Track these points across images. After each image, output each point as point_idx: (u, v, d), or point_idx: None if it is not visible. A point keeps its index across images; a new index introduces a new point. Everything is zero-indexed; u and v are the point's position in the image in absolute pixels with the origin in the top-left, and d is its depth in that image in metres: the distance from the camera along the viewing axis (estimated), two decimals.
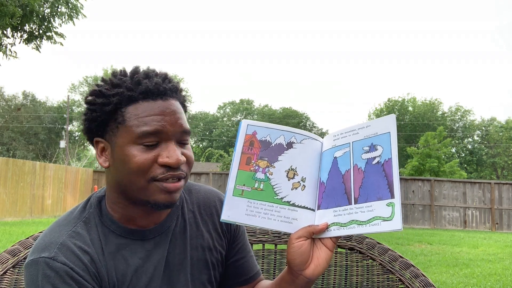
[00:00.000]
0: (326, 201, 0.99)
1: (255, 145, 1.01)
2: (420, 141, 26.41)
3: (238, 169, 0.99)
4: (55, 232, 0.98)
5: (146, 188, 0.96)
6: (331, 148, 1.02)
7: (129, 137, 0.95)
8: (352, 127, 1.01)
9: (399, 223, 0.89)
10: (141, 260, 1.01)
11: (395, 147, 0.93)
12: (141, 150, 0.95)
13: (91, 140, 1.03)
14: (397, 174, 0.92)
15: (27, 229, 10.64)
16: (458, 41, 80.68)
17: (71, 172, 17.30)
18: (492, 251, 9.71)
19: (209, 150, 37.79)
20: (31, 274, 0.92)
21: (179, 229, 1.09)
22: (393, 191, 0.91)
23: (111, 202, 1.03)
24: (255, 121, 1.03)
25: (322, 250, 0.98)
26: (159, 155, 0.95)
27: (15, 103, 40.18)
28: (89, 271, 0.95)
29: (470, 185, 17.22)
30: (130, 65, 1.08)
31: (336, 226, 0.96)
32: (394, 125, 0.96)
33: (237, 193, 0.98)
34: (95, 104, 0.98)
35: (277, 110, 51.17)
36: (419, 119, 41.56)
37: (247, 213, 0.97)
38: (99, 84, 1.02)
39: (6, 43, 11.23)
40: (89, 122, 1.00)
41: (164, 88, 0.98)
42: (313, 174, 1.01)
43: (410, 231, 14.27)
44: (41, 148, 38.46)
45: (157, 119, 0.95)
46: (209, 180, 17.11)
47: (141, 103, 0.96)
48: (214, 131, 53.37)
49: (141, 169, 0.95)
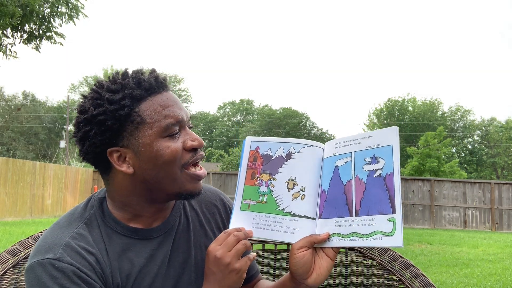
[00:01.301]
0: (327, 210, 0.99)
1: (258, 160, 1.05)
2: (420, 141, 26.40)
3: (244, 184, 1.04)
4: (57, 234, 0.97)
5: (179, 178, 0.99)
6: (333, 156, 1.02)
7: (154, 133, 0.97)
8: (354, 136, 1.01)
9: (400, 239, 0.90)
10: (146, 260, 1.01)
11: (397, 161, 0.93)
12: (168, 141, 0.98)
13: (99, 155, 0.99)
14: (399, 189, 0.92)
15: (27, 229, 10.64)
16: (458, 41, 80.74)
17: (71, 172, 17.30)
18: (492, 251, 9.71)
19: (209, 150, 37.80)
20: (37, 276, 0.91)
21: (183, 228, 1.09)
22: (394, 207, 0.92)
23: (121, 204, 1.02)
24: (258, 136, 1.07)
25: (323, 259, 0.99)
26: (185, 141, 1.00)
27: (15, 103, 40.19)
28: (95, 271, 0.94)
29: (470, 185, 17.22)
30: (130, 65, 1.09)
31: (337, 236, 0.97)
32: (396, 137, 0.95)
33: (244, 207, 1.03)
34: (106, 113, 0.96)
35: (277, 110, 51.10)
36: (419, 119, 41.54)
37: (254, 225, 1.02)
38: (96, 96, 0.99)
39: (6, 43, 11.23)
40: (100, 134, 0.96)
41: (162, 80, 1.02)
42: (313, 182, 1.02)
43: (410, 231, 14.27)
44: (41, 148, 38.46)
45: (173, 109, 1.00)
46: (209, 180, 17.11)
47: (150, 99, 0.99)
48: (214, 131, 53.39)
49: (175, 158, 0.98)
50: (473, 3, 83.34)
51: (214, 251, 0.97)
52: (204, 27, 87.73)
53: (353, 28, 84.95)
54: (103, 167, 1.02)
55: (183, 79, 47.69)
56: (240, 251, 0.97)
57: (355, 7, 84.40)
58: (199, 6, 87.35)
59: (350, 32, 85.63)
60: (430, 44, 79.69)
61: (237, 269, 0.96)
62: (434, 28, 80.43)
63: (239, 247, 0.97)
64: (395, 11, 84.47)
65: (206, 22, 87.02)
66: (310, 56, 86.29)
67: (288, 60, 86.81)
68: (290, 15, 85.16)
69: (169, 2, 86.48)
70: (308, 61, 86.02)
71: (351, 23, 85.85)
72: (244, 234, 0.99)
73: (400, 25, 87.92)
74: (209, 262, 0.98)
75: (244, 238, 0.98)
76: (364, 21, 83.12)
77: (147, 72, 1.05)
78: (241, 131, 49.59)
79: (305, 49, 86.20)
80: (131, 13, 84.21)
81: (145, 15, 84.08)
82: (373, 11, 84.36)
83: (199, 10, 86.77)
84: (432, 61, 79.66)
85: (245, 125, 51.08)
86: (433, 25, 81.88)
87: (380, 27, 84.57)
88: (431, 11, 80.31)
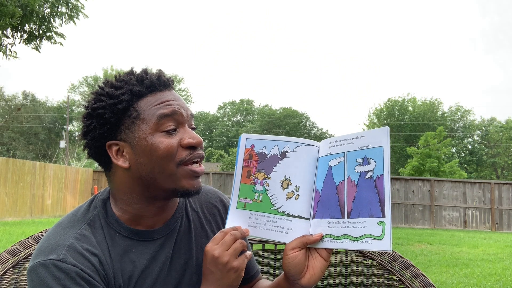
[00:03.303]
0: (321, 211, 0.99)
1: (253, 158, 1.04)
2: (420, 141, 26.42)
3: (240, 182, 1.04)
4: (60, 235, 0.97)
5: (175, 173, 0.98)
6: (326, 156, 1.01)
7: (149, 127, 0.97)
8: (347, 136, 1.00)
9: (388, 244, 0.89)
10: (147, 261, 1.01)
11: (388, 163, 0.92)
12: (164, 136, 0.98)
13: (99, 149, 1.01)
14: (388, 192, 0.91)
15: (27, 229, 10.64)
16: (458, 41, 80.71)
17: (71, 172, 17.29)
18: (492, 251, 9.70)
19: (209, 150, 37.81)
20: (40, 277, 0.91)
21: (184, 229, 1.09)
22: (384, 210, 0.91)
23: (123, 204, 1.03)
24: (253, 134, 1.06)
25: (317, 260, 0.99)
26: (182, 138, 1.00)
27: (15, 103, 40.17)
28: (98, 272, 0.94)
29: (470, 185, 17.21)
30: (130, 65, 1.10)
31: (330, 238, 0.97)
32: (387, 138, 0.94)
33: (240, 205, 1.03)
34: (105, 107, 0.98)
35: (277, 110, 51.11)
36: (419, 119, 41.53)
37: (250, 224, 1.02)
38: (99, 92, 1.02)
39: (6, 43, 11.23)
40: (99, 127, 0.99)
41: (166, 79, 1.03)
42: (307, 182, 1.01)
43: (410, 231, 14.27)
44: (41, 148, 38.45)
45: (170, 103, 1.00)
46: (209, 180, 17.11)
47: (150, 96, 1.00)
48: (214, 131, 53.39)
49: (169, 153, 0.97)
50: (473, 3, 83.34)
51: (211, 250, 0.97)
52: (204, 27, 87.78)
53: (353, 28, 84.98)
54: (104, 162, 1.02)
55: (183, 79, 47.67)
56: (238, 249, 0.97)
57: (355, 7, 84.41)
58: (199, 6, 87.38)
59: (350, 32, 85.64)
60: (430, 44, 79.70)
61: (235, 267, 0.96)
62: (434, 28, 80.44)
63: (236, 246, 0.97)
64: (395, 11, 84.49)
65: (206, 22, 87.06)
66: (310, 56, 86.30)
67: (288, 60, 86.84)
68: (290, 15, 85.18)
69: (169, 2, 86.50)
70: (308, 61, 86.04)
71: (351, 23, 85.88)
72: (240, 233, 0.99)
73: (400, 25, 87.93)
74: (207, 261, 0.98)
75: (241, 237, 0.99)
76: (364, 21, 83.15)
77: (155, 71, 1.06)
78: (241, 131, 49.54)
79: (305, 49, 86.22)
80: (131, 13, 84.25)
81: (145, 15, 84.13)
82: (373, 11, 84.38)
83: (199, 10, 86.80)
84: (432, 61, 79.67)
85: (245, 125, 51.08)
86: (433, 25, 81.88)
87: (380, 27, 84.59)
88: (431, 11, 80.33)
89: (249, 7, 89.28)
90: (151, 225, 1.04)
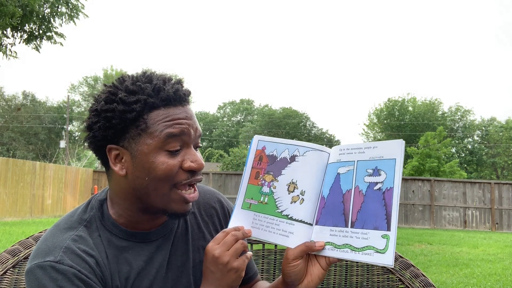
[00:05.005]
0: (324, 218, 0.98)
1: (263, 159, 1.05)
2: (420, 141, 26.40)
3: (247, 183, 1.04)
4: (57, 236, 0.97)
5: (168, 195, 0.97)
6: (336, 163, 1.01)
7: (154, 143, 0.94)
8: (359, 144, 1.00)
9: (390, 259, 0.88)
10: (144, 263, 1.01)
11: (399, 176, 0.91)
12: (167, 156, 0.95)
13: (100, 148, 0.99)
14: (396, 206, 0.90)
15: (27, 229, 10.64)
16: (458, 41, 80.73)
17: (71, 172, 17.29)
18: (492, 251, 9.70)
19: (209, 150, 37.82)
20: (37, 279, 0.91)
21: (181, 230, 1.09)
22: (390, 224, 0.90)
23: (118, 208, 1.02)
24: (266, 136, 1.06)
25: (315, 267, 0.99)
26: (184, 161, 0.97)
27: (15, 103, 40.15)
28: (95, 273, 0.94)
29: (470, 185, 17.22)
30: (130, 65, 1.08)
31: (331, 246, 0.96)
32: (401, 151, 0.93)
33: (245, 206, 1.03)
34: (114, 111, 0.95)
35: (277, 110, 51.07)
36: (419, 119, 41.51)
37: (253, 225, 1.02)
38: (113, 92, 0.98)
39: (6, 43, 11.23)
40: (104, 129, 0.96)
41: (183, 94, 0.99)
42: (314, 187, 1.00)
43: (410, 231, 14.27)
44: (41, 148, 38.44)
45: (180, 122, 0.96)
46: (209, 180, 17.10)
47: (163, 110, 0.96)
48: (214, 131, 53.37)
49: (168, 175, 0.95)
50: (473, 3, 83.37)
51: (212, 250, 0.97)
52: (204, 27, 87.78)
53: (353, 28, 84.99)
54: (104, 162, 1.02)
55: (183, 79, 47.52)
56: (239, 250, 0.97)
57: (355, 7, 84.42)
58: (199, 5, 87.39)
59: (350, 32, 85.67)
60: (431, 44, 79.72)
61: (236, 268, 0.96)
62: (434, 28, 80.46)
63: (237, 246, 0.97)
64: (395, 11, 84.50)
65: (206, 22, 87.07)
66: (310, 56, 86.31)
67: (288, 60, 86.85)
68: (290, 15, 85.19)
69: (169, 2, 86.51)
70: (308, 61, 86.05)
71: (351, 23, 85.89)
72: (242, 234, 0.98)
73: (400, 25, 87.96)
74: (208, 261, 0.97)
75: (243, 237, 0.98)
76: (364, 21, 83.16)
77: (173, 80, 1.02)
78: (241, 131, 49.57)
79: (305, 49, 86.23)
80: (131, 13, 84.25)
81: (145, 15, 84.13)
82: (374, 11, 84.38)
83: (199, 9, 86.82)
84: (432, 61, 79.69)
85: (245, 125, 51.05)
86: (433, 26, 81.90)
87: (380, 27, 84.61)
88: (431, 11, 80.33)
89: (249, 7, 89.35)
90: (148, 228, 1.04)
